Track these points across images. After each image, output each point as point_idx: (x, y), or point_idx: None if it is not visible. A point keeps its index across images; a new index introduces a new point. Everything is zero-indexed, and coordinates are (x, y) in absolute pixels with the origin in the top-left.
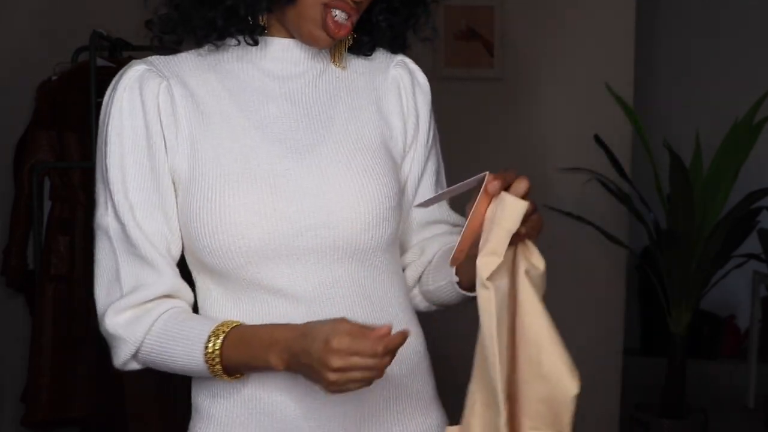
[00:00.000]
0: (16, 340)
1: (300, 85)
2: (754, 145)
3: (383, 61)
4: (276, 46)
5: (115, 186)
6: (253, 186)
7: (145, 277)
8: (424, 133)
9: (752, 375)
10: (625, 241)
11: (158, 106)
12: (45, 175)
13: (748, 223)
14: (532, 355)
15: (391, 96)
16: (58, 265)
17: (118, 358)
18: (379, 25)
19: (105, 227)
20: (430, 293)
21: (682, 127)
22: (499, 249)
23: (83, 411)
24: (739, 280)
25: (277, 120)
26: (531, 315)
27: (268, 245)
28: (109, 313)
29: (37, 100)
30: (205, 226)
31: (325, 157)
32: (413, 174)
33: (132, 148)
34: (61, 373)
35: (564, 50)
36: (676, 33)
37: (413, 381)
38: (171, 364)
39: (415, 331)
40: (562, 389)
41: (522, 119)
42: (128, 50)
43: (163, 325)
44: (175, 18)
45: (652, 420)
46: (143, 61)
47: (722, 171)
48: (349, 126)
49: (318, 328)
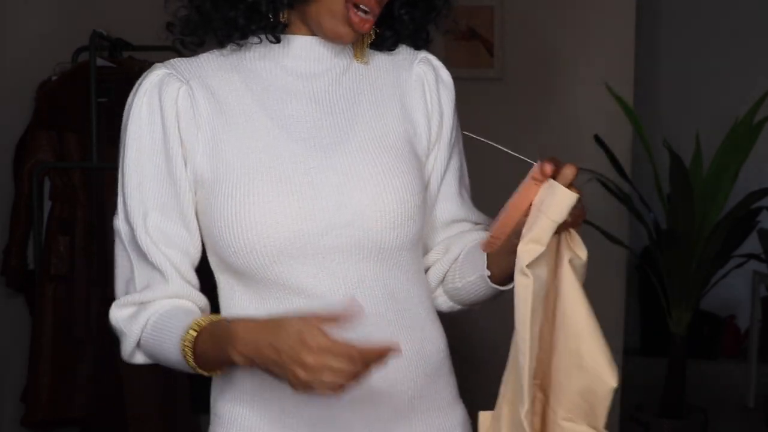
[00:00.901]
0: (16, 340)
1: (323, 83)
2: (754, 145)
3: (406, 58)
4: (298, 44)
5: (129, 190)
6: (278, 185)
7: (154, 281)
8: (448, 130)
9: (752, 375)
10: (625, 241)
11: (177, 110)
12: (45, 175)
13: (748, 223)
14: (571, 347)
15: (415, 93)
16: (58, 265)
17: (123, 350)
18: (401, 18)
19: (118, 230)
20: (457, 291)
21: (682, 127)
22: (543, 238)
23: (83, 411)
24: (739, 280)
25: (300, 119)
26: (573, 305)
27: (293, 244)
28: (113, 307)
29: (37, 100)
30: (229, 226)
31: (349, 155)
32: (437, 172)
33: (150, 153)
34: (61, 373)
35: (564, 50)
36: (676, 33)
37: (436, 381)
38: (164, 359)
39: (437, 331)
40: (600, 382)
41: (522, 119)
42: (128, 50)
43: (157, 319)
44: (196, 19)
45: (652, 420)
46: (164, 65)
47: (722, 171)
48: (373, 124)
49: (288, 322)
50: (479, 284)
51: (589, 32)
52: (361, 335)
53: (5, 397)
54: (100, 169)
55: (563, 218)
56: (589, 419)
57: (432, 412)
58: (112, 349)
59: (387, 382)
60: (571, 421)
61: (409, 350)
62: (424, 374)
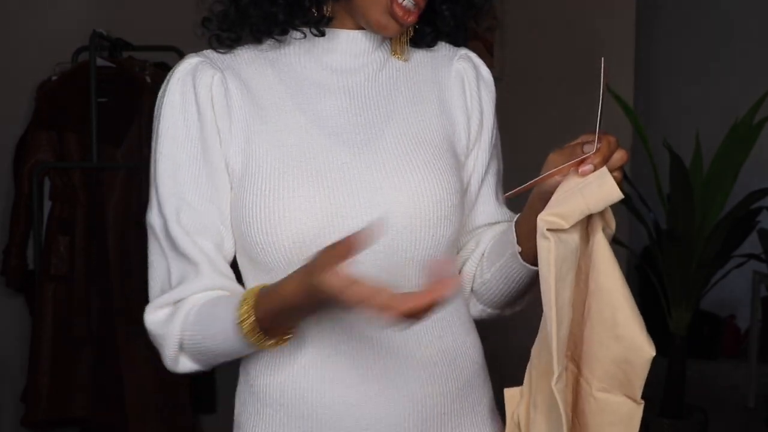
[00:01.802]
0: (16, 340)
1: (360, 79)
2: (754, 145)
3: (446, 55)
4: (342, 38)
5: (162, 179)
6: (309, 180)
7: (187, 275)
8: (489, 130)
9: (752, 375)
10: (625, 241)
11: (212, 98)
12: (45, 175)
13: (748, 223)
14: (606, 315)
15: (454, 90)
16: (58, 265)
17: (166, 357)
18: (442, 14)
19: (152, 225)
20: (485, 286)
21: (682, 127)
22: (571, 219)
23: (83, 411)
24: (739, 280)
25: (334, 114)
26: (606, 275)
27: (322, 241)
28: (147, 312)
29: (37, 100)
30: (258, 221)
31: (383, 151)
32: (477, 173)
33: (185, 141)
34: (61, 373)
35: (564, 50)
36: (676, 33)
37: (470, 393)
38: (215, 348)
39: (472, 341)
40: (637, 351)
41: (522, 119)
42: (128, 50)
43: (199, 310)
44: (234, 14)
45: (652, 420)
46: (197, 54)
47: (722, 171)
48: (410, 120)
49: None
50: (509, 267)
51: (589, 32)
52: (385, 345)
53: (5, 397)
54: (100, 169)
55: (600, 210)
56: (625, 389)
57: (465, 428)
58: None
59: (415, 396)
60: (606, 392)
61: (440, 362)
62: (456, 387)
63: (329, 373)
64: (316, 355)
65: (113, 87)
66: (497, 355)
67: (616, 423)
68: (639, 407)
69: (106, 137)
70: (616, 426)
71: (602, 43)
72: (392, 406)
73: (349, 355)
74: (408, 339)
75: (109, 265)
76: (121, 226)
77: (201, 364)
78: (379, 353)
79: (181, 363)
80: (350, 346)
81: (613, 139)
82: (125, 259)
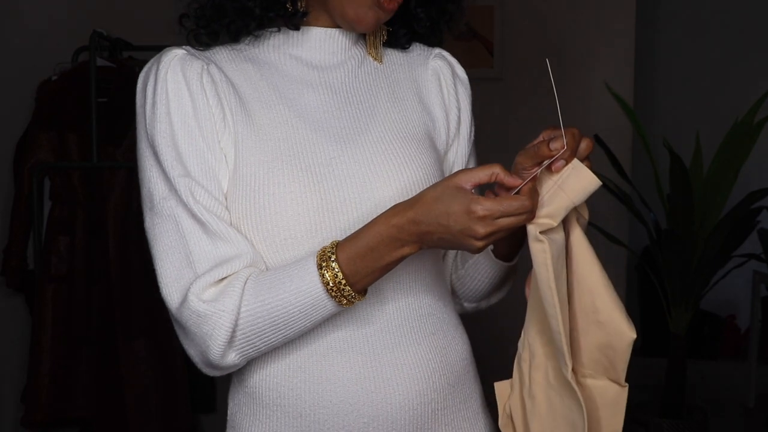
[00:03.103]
0: (16, 340)
1: (340, 75)
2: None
3: (421, 54)
4: (314, 35)
5: (174, 170)
6: (299, 175)
7: (223, 253)
8: (467, 125)
9: (752, 375)
10: (625, 241)
11: (203, 85)
12: (45, 175)
13: (748, 223)
14: (587, 303)
15: (431, 87)
16: (58, 265)
17: (215, 346)
18: (418, 16)
19: (168, 213)
20: (461, 280)
21: (682, 127)
22: (557, 216)
23: (83, 411)
24: (739, 280)
25: (318, 108)
26: (584, 263)
27: (314, 237)
28: (190, 297)
29: (37, 100)
30: (249, 216)
31: (370, 145)
32: (457, 167)
33: (182, 128)
34: (61, 373)
35: (564, 50)
36: (676, 33)
37: (461, 389)
38: (283, 315)
39: (461, 337)
40: (619, 335)
41: (522, 119)
42: (128, 50)
43: (255, 282)
44: (210, 10)
45: (652, 420)
46: (179, 47)
47: (722, 171)
48: (392, 115)
49: (447, 197)
50: (482, 263)
51: (590, 32)
52: (379, 343)
53: (5, 397)
54: (100, 168)
55: (582, 201)
56: (610, 374)
57: (457, 423)
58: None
59: (410, 392)
60: (591, 377)
61: (433, 358)
62: (447, 384)
63: (325, 372)
64: (312, 354)
65: (113, 87)
66: (485, 353)
67: (603, 407)
68: (624, 390)
69: (106, 137)
70: (603, 410)
71: (602, 43)
72: (388, 404)
73: (344, 354)
74: (402, 336)
75: (109, 265)
76: (121, 226)
77: (249, 349)
78: (375, 351)
79: (228, 357)
80: (346, 345)
81: (576, 131)
82: (125, 259)
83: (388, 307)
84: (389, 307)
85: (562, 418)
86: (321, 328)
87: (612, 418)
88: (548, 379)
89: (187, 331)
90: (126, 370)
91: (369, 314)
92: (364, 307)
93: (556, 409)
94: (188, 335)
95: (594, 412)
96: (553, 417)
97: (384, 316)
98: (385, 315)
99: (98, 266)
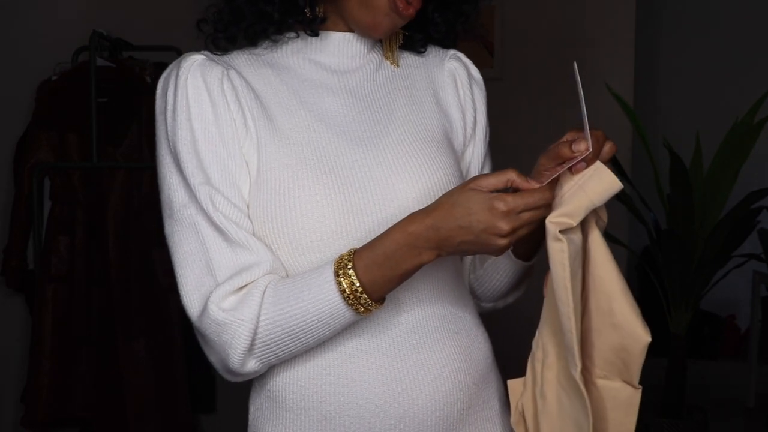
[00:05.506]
0: (16, 340)
1: (358, 79)
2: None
3: (436, 56)
4: (333, 40)
5: (195, 178)
6: (322, 178)
7: (242, 261)
8: (482, 126)
9: (752, 375)
10: (625, 241)
11: (223, 91)
12: (45, 175)
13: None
14: (603, 305)
15: (448, 89)
16: (58, 265)
17: (235, 354)
18: (434, 21)
19: (188, 220)
20: (479, 280)
21: (682, 127)
22: (577, 216)
23: (83, 411)
24: (739, 280)
25: (338, 112)
26: (602, 265)
27: (340, 240)
28: (210, 306)
29: (37, 100)
30: (274, 220)
31: (390, 148)
32: (474, 167)
33: (203, 135)
34: (61, 373)
35: (564, 50)
36: (676, 33)
37: (485, 388)
38: (301, 324)
39: (483, 336)
40: (634, 338)
41: (522, 119)
42: (128, 50)
43: (274, 290)
44: (229, 15)
45: (652, 420)
46: (198, 53)
47: (722, 171)
48: (411, 118)
49: (465, 200)
50: (500, 262)
51: (589, 32)
52: (405, 344)
53: (5, 397)
54: (100, 169)
55: (602, 203)
56: (624, 375)
57: (480, 423)
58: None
59: (436, 393)
60: (605, 378)
61: (458, 358)
62: (473, 383)
63: (351, 374)
64: (338, 357)
65: (113, 87)
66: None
67: (616, 408)
68: (637, 392)
69: (106, 137)
70: (616, 411)
71: (602, 43)
72: (415, 405)
73: (370, 355)
74: (427, 337)
75: (109, 265)
76: (121, 226)
77: (269, 357)
78: (401, 352)
79: (248, 365)
80: (371, 346)
81: (600, 133)
82: (125, 259)
83: (412, 310)
84: (414, 309)
85: (569, 418)
86: (346, 332)
87: (625, 419)
88: (559, 379)
89: (207, 339)
90: (126, 370)
91: (393, 317)
92: (388, 312)
93: (565, 410)
94: (208, 343)
95: (604, 413)
96: (561, 417)
97: (409, 318)
98: (410, 317)
99: (98, 266)
